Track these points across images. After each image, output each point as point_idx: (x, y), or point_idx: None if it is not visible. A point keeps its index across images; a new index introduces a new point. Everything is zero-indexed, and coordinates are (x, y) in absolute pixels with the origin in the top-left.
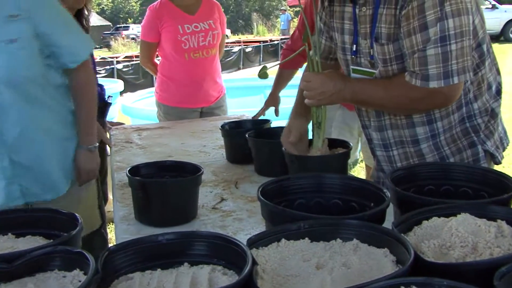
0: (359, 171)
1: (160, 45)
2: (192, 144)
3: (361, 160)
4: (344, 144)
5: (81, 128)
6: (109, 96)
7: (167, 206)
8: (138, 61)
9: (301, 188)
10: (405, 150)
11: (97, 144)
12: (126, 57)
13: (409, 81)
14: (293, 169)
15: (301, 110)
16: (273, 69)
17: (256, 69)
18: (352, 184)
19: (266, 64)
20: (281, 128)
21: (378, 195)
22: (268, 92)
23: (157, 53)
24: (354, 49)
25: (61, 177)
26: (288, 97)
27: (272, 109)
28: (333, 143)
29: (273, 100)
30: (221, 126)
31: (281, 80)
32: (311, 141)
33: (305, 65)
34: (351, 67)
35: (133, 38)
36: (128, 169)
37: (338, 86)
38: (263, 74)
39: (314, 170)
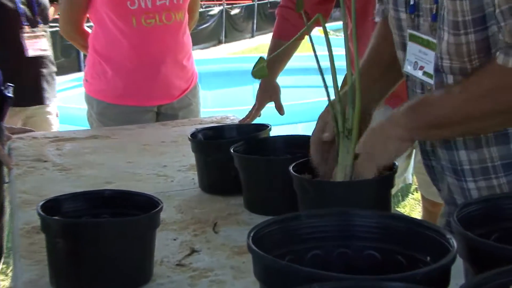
0: (412, 205)
1: (92, 3)
2: (145, 163)
3: (416, 188)
4: None
5: None
6: (7, 85)
7: (104, 262)
8: (55, 29)
9: (317, 231)
10: (491, 182)
11: None
12: None
13: (504, 64)
14: (305, 201)
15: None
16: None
17: (246, 43)
18: (397, 226)
19: (263, 56)
20: (287, 137)
21: (438, 244)
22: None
23: (87, 17)
24: (411, 2)
25: None
26: (290, 88)
27: (272, 108)
28: None
29: (269, 91)
30: (192, 135)
31: (278, 58)
32: None
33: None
34: (409, 31)
35: None
36: (40, 203)
37: (398, 134)
38: (259, 70)
39: (338, 203)
